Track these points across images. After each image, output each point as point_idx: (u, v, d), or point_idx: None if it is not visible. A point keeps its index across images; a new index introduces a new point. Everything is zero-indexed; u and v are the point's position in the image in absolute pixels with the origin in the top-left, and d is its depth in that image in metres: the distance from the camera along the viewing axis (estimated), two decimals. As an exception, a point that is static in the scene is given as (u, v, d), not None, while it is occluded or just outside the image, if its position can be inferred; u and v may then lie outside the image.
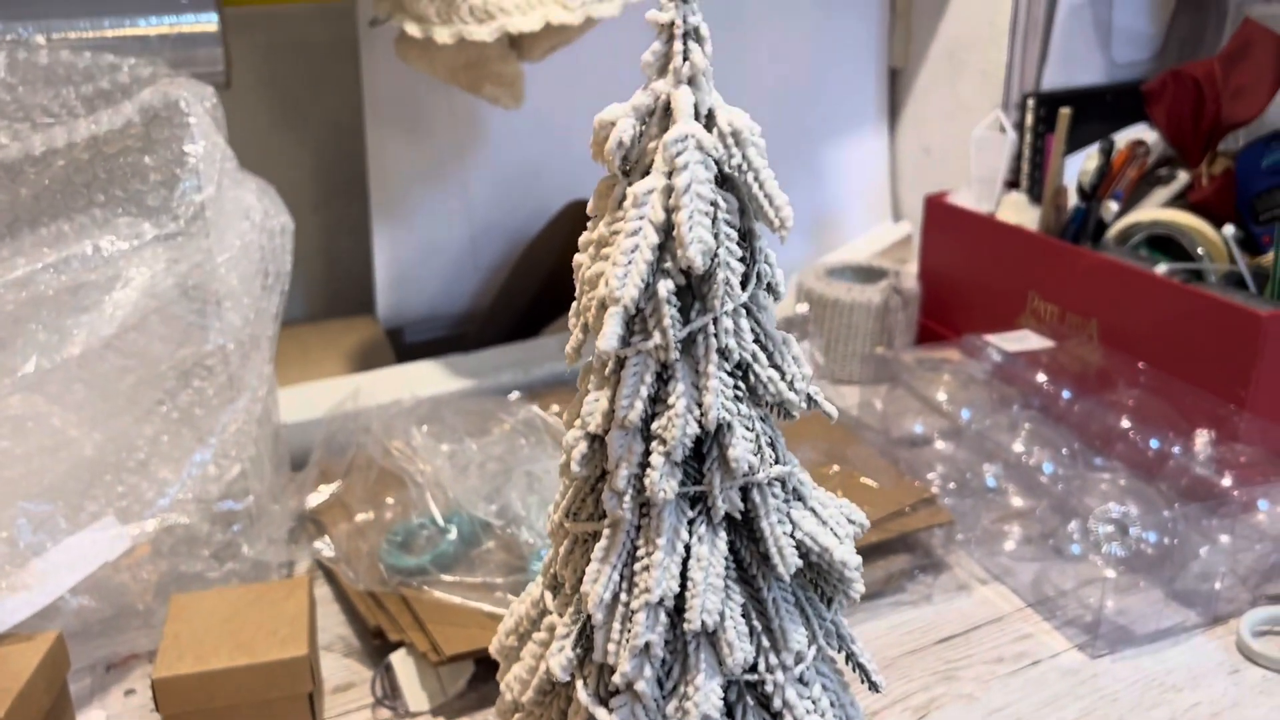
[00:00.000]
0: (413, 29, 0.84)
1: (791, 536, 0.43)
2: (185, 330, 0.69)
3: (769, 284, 0.42)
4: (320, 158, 1.21)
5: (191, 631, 0.64)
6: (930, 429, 0.95)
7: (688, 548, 0.42)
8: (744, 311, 0.41)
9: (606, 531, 0.42)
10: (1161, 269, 0.94)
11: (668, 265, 0.39)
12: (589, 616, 0.43)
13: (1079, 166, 1.05)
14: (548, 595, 0.47)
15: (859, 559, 0.43)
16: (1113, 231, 1.04)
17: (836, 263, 1.18)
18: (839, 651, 0.46)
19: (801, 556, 0.43)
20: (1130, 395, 0.90)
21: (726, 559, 0.42)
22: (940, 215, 1.14)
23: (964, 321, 1.12)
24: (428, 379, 1.01)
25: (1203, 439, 0.83)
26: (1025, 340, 0.99)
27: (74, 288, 0.62)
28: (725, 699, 0.43)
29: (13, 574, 0.63)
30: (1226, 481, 0.79)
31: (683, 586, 0.41)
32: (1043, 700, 0.70)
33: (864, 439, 0.92)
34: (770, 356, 0.41)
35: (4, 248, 0.63)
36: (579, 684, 0.44)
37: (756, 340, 0.41)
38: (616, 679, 0.42)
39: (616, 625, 0.42)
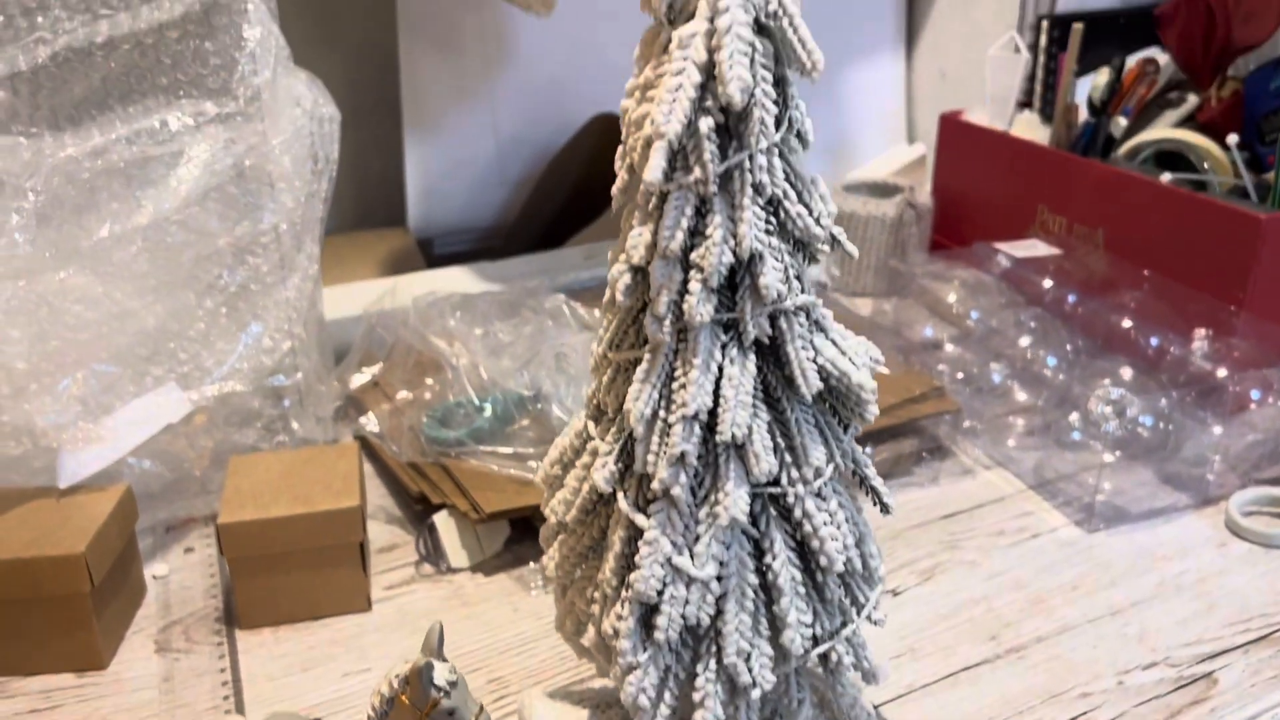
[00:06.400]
0: (450, -66, 0.88)
1: (814, 362, 0.47)
2: (242, 209, 0.73)
3: (799, 131, 0.46)
4: (351, 75, 1.24)
5: (251, 486, 0.69)
6: (940, 333, 0.99)
7: (720, 368, 0.46)
8: (776, 151, 0.45)
9: (647, 356, 0.47)
10: (1166, 178, 0.97)
11: (709, 104, 0.43)
12: (630, 434, 0.48)
13: (1090, 85, 1.08)
14: (590, 424, 0.52)
15: (875, 384, 0.48)
16: (1122, 150, 1.07)
17: (853, 180, 1.22)
18: (855, 475, 0.51)
19: (822, 380, 0.47)
20: (1133, 298, 0.94)
21: (755, 380, 0.46)
22: (954, 132, 1.18)
23: (975, 236, 1.15)
24: (458, 283, 1.06)
25: (1201, 336, 0.87)
26: (1034, 248, 1.03)
27: (142, 161, 0.66)
28: (751, 510, 0.48)
29: (86, 428, 0.68)
30: (1222, 373, 0.83)
31: (715, 403, 0.46)
32: (1041, 566, 0.75)
33: (877, 341, 0.96)
34: (799, 194, 0.46)
35: (78, 128, 0.67)
36: (620, 495, 0.49)
37: (787, 179, 0.45)
38: (655, 486, 0.46)
39: (655, 438, 0.47)
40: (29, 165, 0.62)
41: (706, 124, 0.43)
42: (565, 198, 1.17)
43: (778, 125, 0.44)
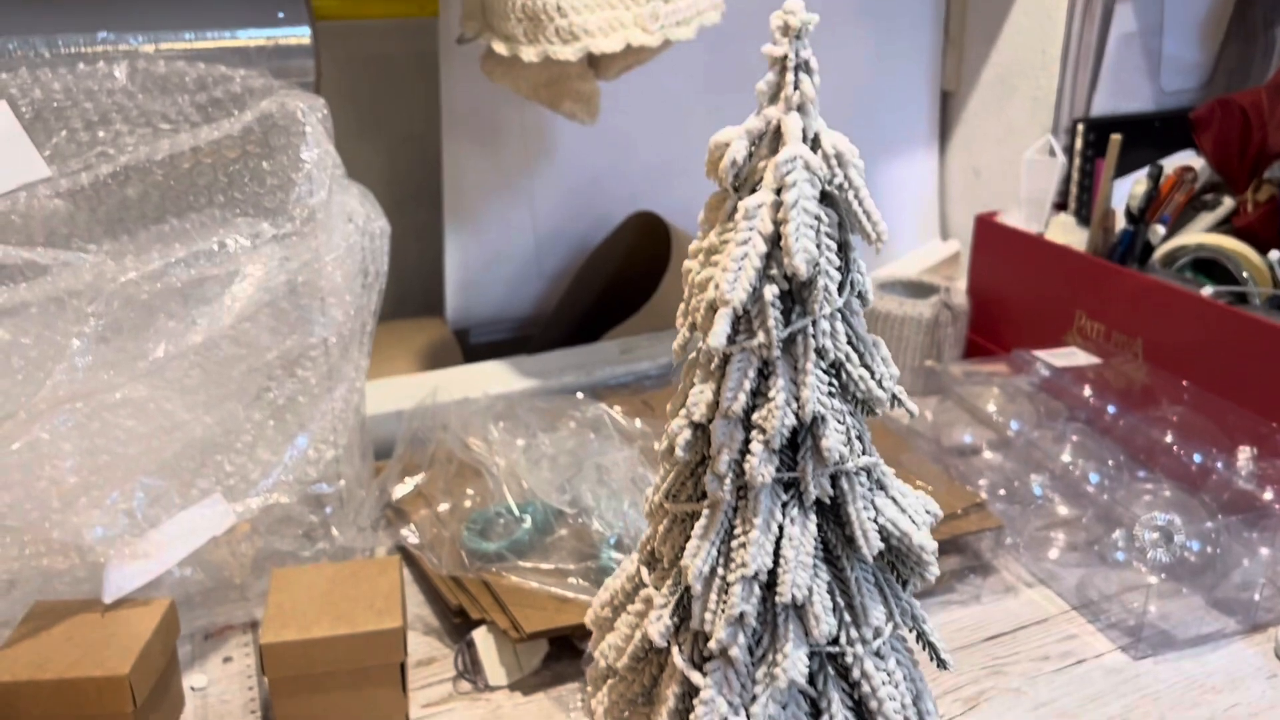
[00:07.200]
0: (500, 47, 0.90)
1: (875, 521, 0.47)
2: (293, 323, 0.74)
3: (860, 292, 0.46)
4: (393, 167, 1.26)
5: (294, 602, 0.69)
6: (979, 439, 0.99)
7: (781, 528, 0.46)
8: (839, 316, 0.45)
9: (706, 511, 0.47)
10: (1207, 291, 0.97)
11: (773, 272, 0.43)
12: (687, 588, 0.48)
13: (1127, 190, 1.09)
14: (643, 570, 0.51)
15: (935, 544, 0.48)
16: (1159, 254, 1.08)
17: (887, 278, 1.22)
18: (911, 631, 0.51)
19: (883, 540, 0.47)
20: (1174, 411, 0.93)
21: (815, 540, 0.46)
22: (990, 234, 1.18)
23: (1011, 338, 1.15)
24: (496, 378, 1.06)
25: (1245, 454, 0.87)
26: (1073, 356, 1.03)
27: (199, 281, 0.67)
28: (809, 669, 0.47)
29: (132, 543, 0.68)
30: (1268, 495, 0.82)
31: (775, 563, 0.46)
32: (1087, 697, 0.73)
33: (916, 447, 0.96)
34: (861, 357, 0.46)
35: (136, 242, 0.68)
36: (675, 650, 0.48)
37: (849, 342, 0.46)
38: (712, 645, 0.46)
39: (713, 596, 0.46)
40: (91, 287, 0.63)
41: (771, 291, 0.43)
42: (600, 293, 1.18)
43: (840, 289, 0.45)
